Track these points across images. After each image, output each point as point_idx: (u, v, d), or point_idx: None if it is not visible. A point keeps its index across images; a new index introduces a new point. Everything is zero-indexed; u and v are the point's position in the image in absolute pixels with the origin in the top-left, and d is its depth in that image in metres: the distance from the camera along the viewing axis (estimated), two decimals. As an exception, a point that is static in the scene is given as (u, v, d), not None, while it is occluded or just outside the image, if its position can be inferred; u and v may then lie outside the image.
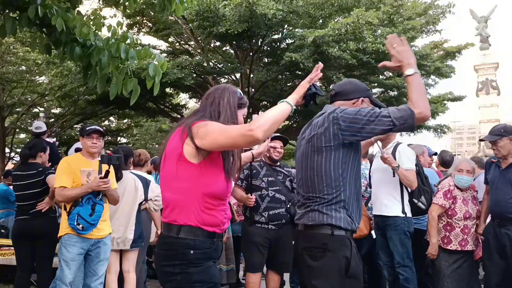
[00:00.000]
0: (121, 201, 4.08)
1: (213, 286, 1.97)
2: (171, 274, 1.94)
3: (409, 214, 4.01)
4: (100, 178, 3.54)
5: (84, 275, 3.74)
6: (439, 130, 16.28)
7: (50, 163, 4.79)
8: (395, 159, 3.99)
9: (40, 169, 4.25)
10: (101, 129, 3.89)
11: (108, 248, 3.81)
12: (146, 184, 4.34)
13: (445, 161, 5.46)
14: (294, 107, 1.97)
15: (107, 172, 3.57)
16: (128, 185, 4.22)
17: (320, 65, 2.09)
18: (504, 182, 3.81)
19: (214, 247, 2.00)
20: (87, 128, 3.78)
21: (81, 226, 3.54)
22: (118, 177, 4.02)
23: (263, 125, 1.80)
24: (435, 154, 5.55)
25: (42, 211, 4.18)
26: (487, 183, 4.10)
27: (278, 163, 4.42)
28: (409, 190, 4.00)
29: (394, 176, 3.99)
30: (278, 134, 4.44)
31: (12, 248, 5.51)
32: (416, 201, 3.95)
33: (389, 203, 4.02)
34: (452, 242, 3.87)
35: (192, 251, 1.92)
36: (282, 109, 1.92)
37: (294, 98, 2.00)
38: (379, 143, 4.04)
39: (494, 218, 3.91)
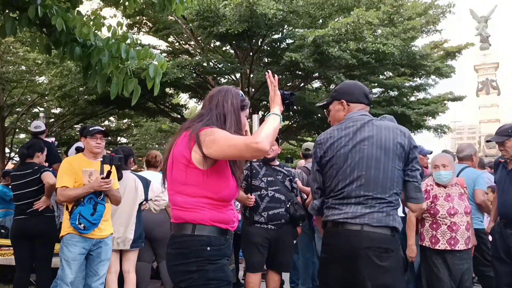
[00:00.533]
0: (121, 201, 4.09)
1: (227, 284, 2.00)
2: (186, 272, 1.95)
3: None
4: (102, 178, 3.57)
5: (85, 275, 3.76)
6: (439, 130, 16.25)
7: (47, 163, 4.81)
8: None
9: (36, 167, 4.28)
10: (104, 129, 3.93)
11: (109, 249, 3.82)
12: (146, 184, 4.35)
13: None
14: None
15: (109, 172, 3.59)
16: (128, 185, 4.23)
17: (270, 73, 2.23)
18: (511, 183, 3.77)
19: (227, 244, 2.05)
20: (90, 129, 3.82)
21: (82, 225, 3.57)
22: (118, 177, 4.05)
23: (267, 137, 1.88)
24: (431, 153, 5.53)
25: (39, 210, 4.19)
26: (495, 182, 4.09)
27: (278, 163, 4.41)
28: None
29: None
30: None
31: (12, 248, 5.52)
32: None
33: None
34: (440, 241, 3.66)
35: (208, 248, 1.96)
36: (277, 121, 2.02)
37: (278, 109, 2.10)
38: None
39: (501, 219, 3.87)
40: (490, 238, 4.46)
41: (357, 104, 2.49)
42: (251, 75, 13.76)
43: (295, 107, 16.28)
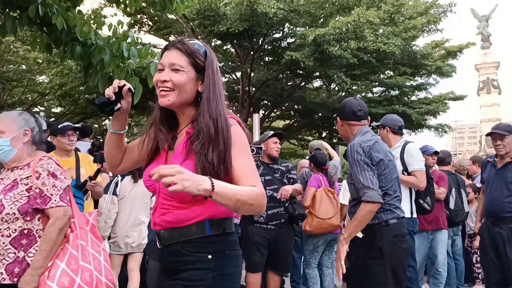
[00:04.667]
0: (135, 205, 4.12)
1: None
2: None
3: (414, 215, 3.99)
4: (89, 178, 3.57)
5: None
6: (440, 129, 16.25)
7: None
8: (403, 159, 3.95)
9: None
10: (75, 125, 3.91)
11: None
12: None
13: (439, 158, 5.47)
14: None
15: (98, 170, 3.59)
16: (143, 190, 4.24)
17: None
18: (499, 182, 3.84)
19: None
20: (60, 126, 3.74)
21: None
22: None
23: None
24: (437, 153, 5.52)
25: None
26: (483, 182, 4.12)
27: (275, 161, 4.39)
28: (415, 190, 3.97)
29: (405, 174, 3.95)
30: (275, 132, 4.48)
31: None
32: (422, 201, 3.94)
33: None
34: None
35: None
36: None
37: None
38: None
39: (488, 217, 3.92)
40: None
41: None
42: (252, 74, 13.74)
43: (295, 106, 16.28)
